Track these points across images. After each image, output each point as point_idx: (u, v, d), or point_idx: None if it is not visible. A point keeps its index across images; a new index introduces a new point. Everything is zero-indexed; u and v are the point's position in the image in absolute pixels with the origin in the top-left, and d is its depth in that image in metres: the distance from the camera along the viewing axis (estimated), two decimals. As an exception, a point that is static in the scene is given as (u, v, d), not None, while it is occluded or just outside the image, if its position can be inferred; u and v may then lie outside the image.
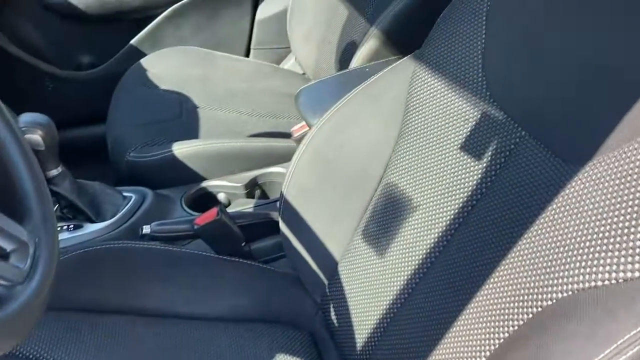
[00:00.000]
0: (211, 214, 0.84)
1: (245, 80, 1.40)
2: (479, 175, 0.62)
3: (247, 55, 1.63)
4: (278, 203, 0.84)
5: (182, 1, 1.46)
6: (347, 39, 1.27)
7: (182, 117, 1.19)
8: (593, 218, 0.47)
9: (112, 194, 0.95)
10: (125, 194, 0.97)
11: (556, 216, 0.51)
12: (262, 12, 1.57)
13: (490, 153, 0.61)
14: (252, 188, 1.06)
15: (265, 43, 1.61)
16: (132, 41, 1.49)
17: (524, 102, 0.60)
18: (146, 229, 0.85)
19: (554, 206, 0.51)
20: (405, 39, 1.01)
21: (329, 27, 1.32)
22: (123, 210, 0.92)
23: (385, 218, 0.73)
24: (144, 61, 1.37)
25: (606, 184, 0.47)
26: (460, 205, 0.63)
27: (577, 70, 0.54)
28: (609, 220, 0.45)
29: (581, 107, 0.53)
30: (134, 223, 0.91)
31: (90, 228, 0.90)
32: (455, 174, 0.65)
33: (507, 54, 0.63)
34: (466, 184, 0.63)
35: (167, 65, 1.36)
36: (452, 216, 0.64)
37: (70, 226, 0.89)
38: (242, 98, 1.32)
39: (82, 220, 0.91)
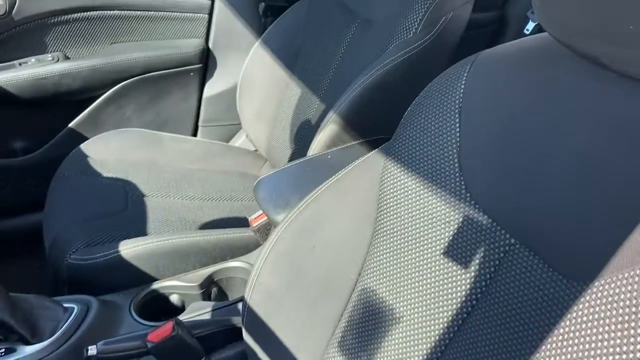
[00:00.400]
0: (166, 329, 0.74)
1: (194, 161, 1.34)
2: (468, 286, 0.57)
3: (195, 133, 1.56)
4: (241, 310, 0.76)
5: (124, 82, 1.39)
6: (300, 117, 1.23)
7: (127, 208, 1.10)
8: (611, 350, 0.42)
9: (50, 307, 0.84)
10: (66, 304, 0.86)
11: (565, 342, 0.46)
12: (209, 89, 1.52)
13: (477, 261, 0.57)
14: (209, 286, 0.98)
15: (214, 120, 1.55)
16: (71, 124, 1.40)
17: (509, 206, 0.55)
18: (92, 350, 0.75)
19: (561, 330, 0.47)
20: (364, 123, 0.98)
21: (280, 105, 1.28)
22: (63, 327, 0.81)
23: (364, 329, 0.66)
24: (84, 146, 1.28)
25: (620, 311, 0.42)
26: (449, 319, 0.58)
27: (569, 170, 0.51)
28: (631, 355, 0.41)
29: (577, 213, 0.49)
30: (76, 341, 0.80)
31: (26, 351, 0.78)
32: (440, 282, 0.60)
33: (485, 151, 0.59)
34: (453, 296, 0.58)
35: (109, 150, 1.27)
36: (440, 331, 0.58)
37: (0, 351, 0.78)
38: (193, 182, 1.25)
39: (15, 341, 0.79)
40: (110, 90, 1.39)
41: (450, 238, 0.60)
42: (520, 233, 0.54)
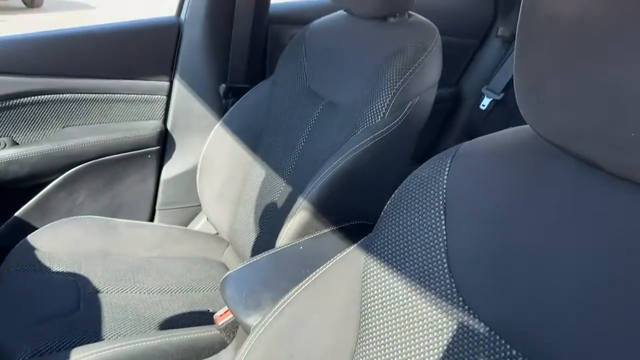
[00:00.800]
0: None
1: (152, 248, 1.26)
2: (468, 403, 0.52)
3: (152, 217, 1.49)
4: None
5: (76, 167, 1.31)
6: (265, 199, 1.19)
7: (80, 309, 1.00)
8: None
9: None
10: None
11: None
12: (168, 171, 1.46)
13: (477, 375, 0.52)
14: (172, 395, 0.89)
15: (173, 203, 1.49)
16: (17, 213, 1.30)
17: (507, 313, 0.51)
18: None
19: None
20: (336, 209, 0.95)
21: (243, 187, 1.24)
22: None
23: None
24: (31, 237, 1.18)
25: None
26: None
27: (569, 281, 0.47)
28: None
29: (583, 327, 0.46)
30: None
31: None
32: (437, 398, 0.54)
33: (476, 255, 0.56)
34: (453, 414, 0.53)
35: (59, 241, 1.18)
36: None
37: None
38: (151, 272, 1.17)
39: None
40: (62, 176, 1.31)
41: (445, 347, 0.55)
42: (522, 344, 0.49)
